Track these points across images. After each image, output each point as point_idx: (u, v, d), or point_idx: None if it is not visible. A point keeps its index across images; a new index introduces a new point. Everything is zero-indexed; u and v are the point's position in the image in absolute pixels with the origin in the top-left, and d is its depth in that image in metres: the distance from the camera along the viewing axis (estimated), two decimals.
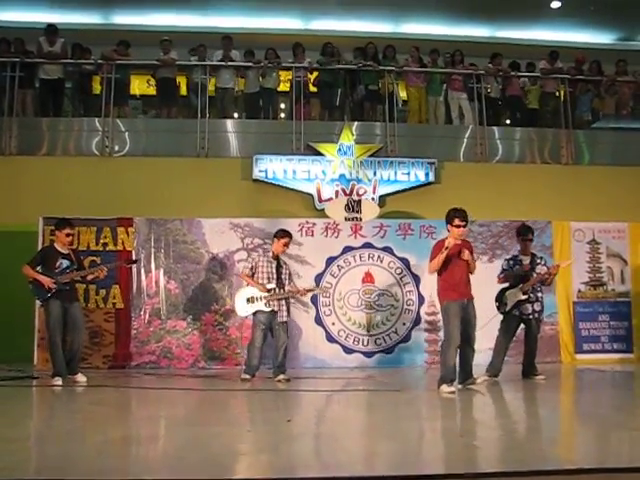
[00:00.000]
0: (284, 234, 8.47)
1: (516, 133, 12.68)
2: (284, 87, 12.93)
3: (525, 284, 7.97)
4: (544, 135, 12.53)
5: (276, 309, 8.20)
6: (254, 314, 8.27)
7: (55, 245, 8.17)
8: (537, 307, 8.10)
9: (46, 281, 7.78)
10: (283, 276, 8.35)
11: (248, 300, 8.25)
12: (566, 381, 8.98)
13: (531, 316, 8.06)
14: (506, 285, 8.11)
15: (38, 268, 7.94)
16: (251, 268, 8.35)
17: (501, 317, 8.15)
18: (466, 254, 6.95)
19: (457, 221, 6.99)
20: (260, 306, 8.19)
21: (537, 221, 10.29)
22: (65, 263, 7.96)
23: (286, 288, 8.30)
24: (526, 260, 8.19)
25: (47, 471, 3.64)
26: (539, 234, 10.21)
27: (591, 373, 9.07)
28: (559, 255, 10.18)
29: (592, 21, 15.25)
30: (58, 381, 7.64)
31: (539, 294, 8.14)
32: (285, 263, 8.54)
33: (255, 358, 8.20)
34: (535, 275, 8.06)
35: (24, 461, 3.83)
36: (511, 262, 8.25)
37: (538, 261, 8.23)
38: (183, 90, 12.64)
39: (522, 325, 8.17)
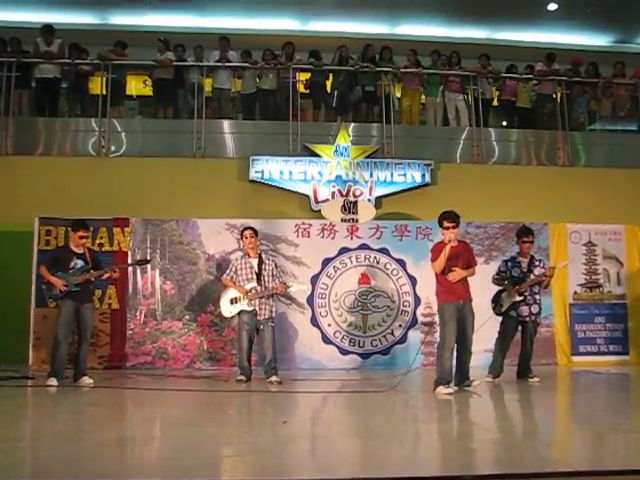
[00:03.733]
0: (242, 230, 8.54)
1: (512, 135, 12.69)
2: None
3: (521, 285, 7.96)
4: (540, 137, 12.54)
5: (257, 309, 8.15)
6: (239, 315, 8.25)
7: (69, 245, 8.13)
8: (534, 309, 8.08)
9: (58, 283, 7.74)
10: (265, 273, 8.26)
11: (232, 301, 8.25)
12: (562, 383, 8.96)
13: (528, 318, 8.05)
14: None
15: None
16: (228, 273, 8.37)
17: (498, 319, 8.14)
18: (455, 275, 6.93)
19: (446, 223, 6.99)
20: (243, 306, 8.17)
21: (533, 223, 10.28)
22: (80, 263, 7.90)
23: (269, 286, 8.22)
24: (524, 262, 8.17)
25: (40, 472, 3.61)
26: (536, 236, 10.20)
27: (587, 375, 9.06)
28: (555, 257, 10.19)
29: (589, 23, 15.30)
30: (53, 381, 7.59)
31: (537, 296, 8.11)
32: (269, 259, 8.50)
33: (244, 360, 8.17)
34: (532, 277, 8.04)
35: (16, 462, 3.79)
36: (509, 264, 8.23)
37: (537, 263, 8.21)
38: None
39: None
